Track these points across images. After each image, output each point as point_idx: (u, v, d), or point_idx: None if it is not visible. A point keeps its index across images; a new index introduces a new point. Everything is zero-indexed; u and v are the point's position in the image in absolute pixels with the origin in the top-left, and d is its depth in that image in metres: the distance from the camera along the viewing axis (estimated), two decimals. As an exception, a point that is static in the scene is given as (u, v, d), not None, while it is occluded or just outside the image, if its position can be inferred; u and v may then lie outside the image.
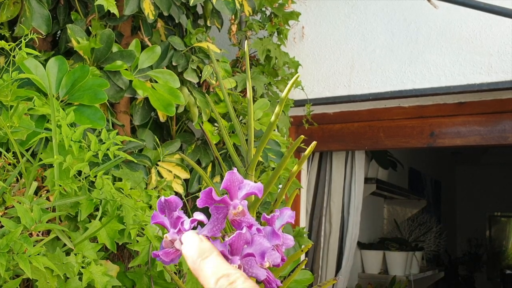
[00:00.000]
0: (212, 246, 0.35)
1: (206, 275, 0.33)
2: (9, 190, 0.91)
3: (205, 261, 0.34)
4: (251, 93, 0.71)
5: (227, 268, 0.33)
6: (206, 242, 0.36)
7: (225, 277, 0.33)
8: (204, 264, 0.34)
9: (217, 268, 0.34)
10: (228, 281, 0.32)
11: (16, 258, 0.74)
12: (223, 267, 0.33)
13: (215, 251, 0.35)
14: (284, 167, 0.71)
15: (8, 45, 0.93)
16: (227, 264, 0.34)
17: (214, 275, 0.33)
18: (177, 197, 0.49)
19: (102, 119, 1.09)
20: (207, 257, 0.35)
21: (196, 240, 0.36)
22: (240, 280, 0.32)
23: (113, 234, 0.99)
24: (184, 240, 0.37)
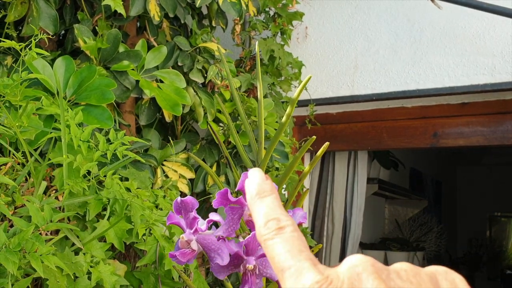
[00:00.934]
0: (273, 188, 0.36)
1: (259, 214, 0.34)
2: (18, 189, 0.92)
3: (262, 200, 0.34)
4: (262, 93, 0.71)
5: (280, 213, 0.33)
6: (269, 183, 0.36)
7: (276, 220, 0.32)
8: (260, 203, 0.34)
9: (271, 210, 0.33)
10: (277, 225, 0.32)
11: (28, 257, 0.74)
12: (277, 210, 0.33)
13: (275, 194, 0.35)
14: (292, 168, 0.71)
15: (18, 45, 0.93)
16: (282, 209, 0.34)
17: (266, 216, 0.33)
18: (193, 198, 0.50)
19: (110, 119, 1.10)
20: (264, 197, 0.35)
21: (259, 177, 0.36)
22: (289, 228, 0.32)
23: (121, 233, 0.99)
24: (249, 174, 0.37)
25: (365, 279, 0.28)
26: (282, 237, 0.31)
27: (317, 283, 0.28)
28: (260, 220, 0.33)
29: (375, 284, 0.27)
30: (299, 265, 0.29)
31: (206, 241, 0.49)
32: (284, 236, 0.31)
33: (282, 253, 0.30)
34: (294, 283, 0.29)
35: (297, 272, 0.29)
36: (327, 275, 0.28)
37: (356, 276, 0.28)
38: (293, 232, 0.32)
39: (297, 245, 0.31)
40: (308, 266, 0.29)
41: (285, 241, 0.31)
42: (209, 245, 0.49)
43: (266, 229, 0.32)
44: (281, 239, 0.31)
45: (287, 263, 0.30)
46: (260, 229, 0.33)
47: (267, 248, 0.32)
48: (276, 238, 0.31)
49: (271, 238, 0.32)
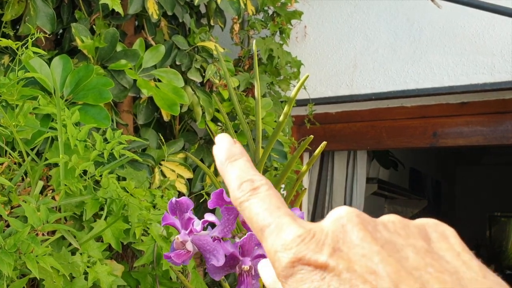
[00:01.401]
0: (243, 151, 0.34)
1: (231, 178, 0.32)
2: (14, 189, 0.91)
3: (232, 164, 0.33)
4: (260, 92, 0.71)
5: (253, 174, 0.32)
6: (238, 146, 0.35)
7: (249, 182, 0.31)
8: (231, 167, 0.33)
9: (243, 172, 0.32)
10: (251, 186, 0.31)
11: (23, 258, 0.74)
12: (249, 172, 0.32)
13: (245, 156, 0.34)
14: (290, 168, 0.71)
15: (14, 44, 0.92)
16: (254, 170, 0.32)
17: (239, 178, 0.32)
18: (188, 199, 0.49)
19: (107, 119, 1.09)
20: (235, 160, 0.33)
21: (227, 142, 0.35)
22: (264, 187, 0.31)
23: (118, 233, 0.99)
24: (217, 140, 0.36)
25: (350, 230, 0.26)
26: (258, 197, 0.30)
27: (299, 237, 0.26)
28: (233, 183, 0.32)
29: (360, 235, 0.26)
30: (278, 221, 0.28)
31: (201, 242, 0.49)
32: (260, 195, 0.30)
33: (259, 213, 0.29)
34: (275, 240, 0.27)
35: (277, 228, 0.28)
36: (309, 228, 0.27)
37: (340, 228, 0.26)
38: (268, 190, 0.30)
39: (274, 202, 0.29)
40: (288, 221, 0.28)
41: (261, 200, 0.30)
42: (205, 246, 0.49)
43: (241, 191, 0.31)
44: (257, 199, 0.30)
45: (266, 221, 0.28)
46: (234, 193, 0.31)
47: (244, 211, 0.30)
48: (252, 198, 0.30)
49: (247, 200, 0.30)
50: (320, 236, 0.26)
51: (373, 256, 0.25)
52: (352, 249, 0.25)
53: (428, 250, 0.26)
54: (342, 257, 0.25)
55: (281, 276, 0.26)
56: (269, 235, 0.28)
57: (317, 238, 0.26)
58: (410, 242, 0.26)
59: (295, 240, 0.26)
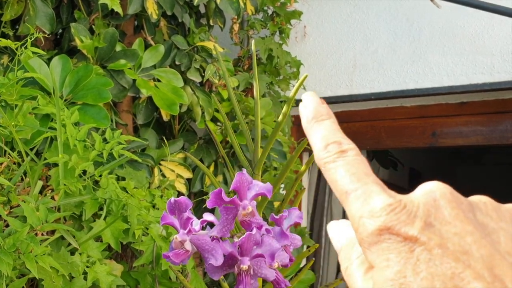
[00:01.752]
0: (330, 112, 0.33)
1: (317, 137, 0.31)
2: (14, 189, 0.91)
3: (320, 123, 0.32)
4: (258, 92, 0.71)
5: (341, 137, 0.30)
6: (325, 106, 0.33)
7: (337, 144, 0.30)
8: (318, 126, 0.32)
9: (330, 133, 0.31)
10: (339, 148, 0.29)
11: (22, 257, 0.74)
12: (337, 134, 0.31)
13: (332, 118, 0.32)
14: (289, 168, 0.71)
15: (14, 44, 0.93)
16: (341, 132, 0.31)
17: (325, 139, 0.30)
18: (187, 198, 0.49)
19: (106, 119, 1.09)
20: (322, 120, 0.32)
21: (314, 100, 0.33)
22: (352, 151, 0.29)
23: (117, 233, 0.99)
24: (303, 98, 0.34)
25: (443, 206, 0.25)
26: (345, 160, 0.29)
27: (389, 205, 0.25)
28: (319, 143, 0.30)
29: (453, 213, 0.25)
30: (366, 188, 0.27)
31: (200, 242, 0.49)
32: (348, 159, 0.29)
33: (346, 176, 0.28)
34: (361, 206, 0.26)
35: (365, 194, 0.27)
36: (400, 198, 0.26)
37: (432, 202, 0.26)
38: (356, 155, 0.29)
39: (363, 168, 0.28)
40: (377, 188, 0.27)
41: (348, 164, 0.28)
42: (203, 245, 0.49)
43: (326, 152, 0.29)
44: (344, 162, 0.29)
45: (353, 185, 0.27)
46: (319, 153, 0.30)
47: (328, 171, 0.29)
48: (339, 160, 0.29)
49: (333, 161, 0.29)
50: (411, 207, 0.25)
51: (466, 236, 0.24)
52: (445, 225, 0.25)
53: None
54: (434, 233, 0.24)
55: (365, 242, 0.26)
56: (355, 199, 0.27)
57: (408, 209, 0.25)
58: (501, 226, 0.26)
59: (385, 208, 0.25)
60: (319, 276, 2.60)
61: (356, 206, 0.27)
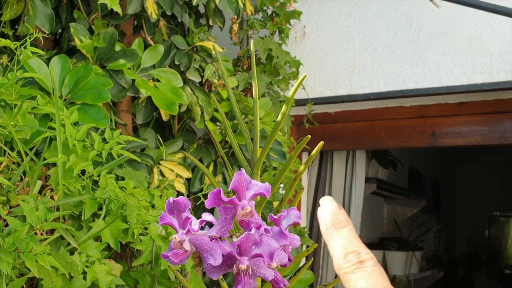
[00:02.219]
0: (348, 219, 0.34)
1: (336, 246, 0.32)
2: (13, 189, 0.91)
3: (338, 231, 0.33)
4: (257, 92, 0.71)
5: (360, 246, 0.32)
6: (343, 213, 0.34)
7: (355, 253, 0.31)
8: (337, 234, 0.33)
9: (349, 241, 0.32)
10: (358, 259, 0.31)
11: (22, 257, 0.74)
12: (355, 243, 0.32)
13: (350, 225, 0.34)
14: (288, 167, 0.71)
15: (13, 44, 0.93)
16: (360, 241, 0.32)
17: (344, 248, 0.32)
18: (185, 198, 0.49)
19: (106, 118, 1.09)
20: (341, 228, 0.33)
21: (333, 208, 0.35)
22: (371, 262, 0.30)
23: (116, 233, 0.99)
24: (321, 203, 0.36)
25: None
26: (364, 271, 0.30)
27: None
28: (338, 252, 0.32)
29: None
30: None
31: (198, 242, 0.49)
32: (367, 270, 0.30)
33: None
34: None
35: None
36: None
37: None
38: (374, 266, 0.30)
39: (381, 280, 0.29)
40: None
41: (367, 275, 0.30)
42: (202, 245, 0.49)
43: (346, 262, 0.31)
44: (364, 273, 0.30)
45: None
46: (340, 262, 0.31)
47: (348, 282, 0.30)
48: (358, 272, 0.30)
49: (353, 272, 0.30)
50: None
51: None
52: None
53: None
54: None
55: None
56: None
57: None
58: None
59: None
60: (318, 275, 2.60)
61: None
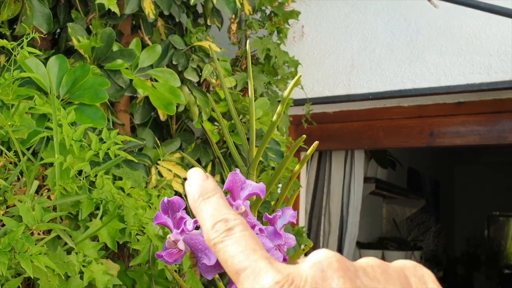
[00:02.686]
0: (216, 187, 0.33)
1: (204, 216, 0.31)
2: (10, 189, 0.91)
3: (205, 202, 0.32)
4: (253, 92, 0.71)
5: (227, 213, 0.31)
6: (211, 182, 0.33)
7: (223, 222, 0.30)
8: (204, 205, 0.32)
9: (217, 211, 0.31)
10: (225, 227, 0.30)
11: (18, 257, 0.74)
12: (223, 211, 0.31)
13: (218, 193, 0.33)
14: (285, 167, 0.71)
15: (10, 44, 0.93)
16: (228, 208, 0.31)
17: (212, 218, 0.31)
18: (180, 198, 0.50)
19: (103, 118, 1.09)
20: (208, 198, 0.32)
21: (200, 177, 0.34)
22: (239, 227, 0.30)
23: (114, 233, 0.99)
24: (188, 175, 0.35)
25: (330, 277, 0.26)
26: (232, 238, 0.29)
27: (277, 283, 0.26)
28: (206, 223, 0.31)
29: (340, 283, 0.25)
30: (255, 266, 0.27)
31: (193, 241, 0.49)
32: (235, 236, 0.29)
33: (235, 255, 0.28)
34: (251, 285, 0.27)
35: (254, 273, 0.27)
36: (287, 273, 0.26)
37: (320, 273, 0.26)
38: (243, 231, 0.30)
39: (250, 244, 0.29)
40: (265, 265, 0.27)
41: (236, 242, 0.29)
42: (196, 245, 0.49)
43: (215, 232, 0.30)
44: (232, 241, 0.29)
45: (242, 264, 0.28)
46: (208, 233, 0.31)
47: (218, 252, 0.30)
48: (227, 240, 0.29)
49: (221, 241, 0.29)
50: (298, 282, 0.26)
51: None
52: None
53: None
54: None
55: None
56: (245, 279, 0.27)
57: (296, 284, 0.26)
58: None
59: (273, 286, 0.26)
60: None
61: (247, 286, 0.27)
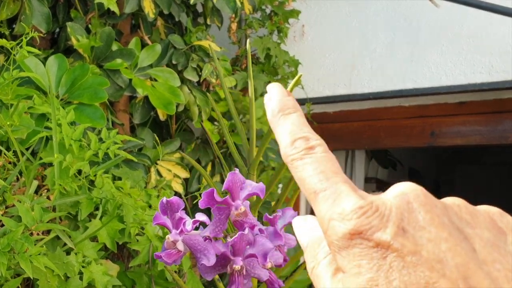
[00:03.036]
0: (297, 104, 0.31)
1: (284, 131, 0.29)
2: (9, 189, 0.91)
3: (286, 117, 0.30)
4: (253, 92, 0.70)
5: (309, 131, 0.29)
6: (292, 99, 0.31)
7: (304, 139, 0.28)
8: (284, 120, 0.30)
9: (297, 127, 0.29)
10: (306, 145, 0.28)
11: (17, 257, 0.74)
12: (304, 128, 0.29)
13: (299, 111, 0.31)
14: (285, 167, 0.71)
15: (9, 44, 0.92)
16: (309, 127, 0.30)
17: (292, 134, 0.29)
18: (179, 198, 0.49)
19: (102, 118, 1.09)
20: (289, 113, 0.30)
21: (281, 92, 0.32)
22: (320, 148, 0.28)
23: (113, 233, 0.98)
24: (268, 89, 0.33)
25: (416, 209, 0.24)
26: (313, 157, 0.27)
27: (360, 208, 0.24)
28: (285, 138, 0.29)
29: (427, 217, 0.24)
30: (336, 187, 0.26)
31: (192, 242, 0.49)
32: (316, 156, 0.27)
33: (314, 175, 0.27)
34: (331, 207, 0.25)
35: (334, 194, 0.25)
36: (371, 200, 0.24)
37: (405, 205, 0.24)
38: (324, 152, 0.28)
39: (331, 166, 0.27)
40: (347, 189, 0.25)
41: (316, 162, 0.27)
42: (195, 245, 0.49)
43: (293, 148, 0.28)
44: (312, 159, 0.27)
45: (321, 184, 0.26)
46: (286, 149, 0.28)
47: (295, 169, 0.28)
48: (306, 158, 0.27)
49: (300, 158, 0.28)
50: (383, 210, 0.24)
51: (440, 243, 0.23)
52: (418, 231, 0.24)
53: (495, 243, 0.24)
54: (407, 238, 0.23)
55: (335, 246, 0.25)
56: (324, 200, 0.26)
57: (381, 212, 0.24)
58: (476, 232, 0.25)
59: (356, 211, 0.24)
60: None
61: (325, 207, 0.25)
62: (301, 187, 0.28)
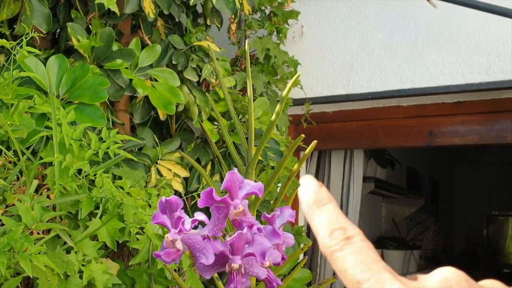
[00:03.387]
0: (330, 196, 0.32)
1: (321, 223, 0.30)
2: (9, 188, 0.91)
3: (321, 208, 0.31)
4: (252, 92, 0.71)
5: (345, 221, 0.30)
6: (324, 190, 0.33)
7: (342, 230, 0.29)
8: (320, 211, 0.31)
9: (334, 218, 0.30)
10: (344, 235, 0.29)
11: (17, 256, 0.74)
12: (340, 219, 0.30)
13: (334, 202, 0.32)
14: (284, 166, 0.71)
15: (9, 44, 0.93)
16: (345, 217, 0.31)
17: (330, 225, 0.30)
18: (178, 198, 0.50)
19: (102, 118, 1.09)
20: (324, 205, 0.31)
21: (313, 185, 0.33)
22: (358, 237, 0.29)
23: (113, 232, 0.99)
24: (302, 182, 0.34)
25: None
26: (352, 248, 0.28)
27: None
28: (323, 230, 0.30)
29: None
30: (379, 276, 0.26)
31: (191, 241, 0.49)
32: (355, 246, 0.28)
33: (355, 264, 0.27)
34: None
35: (378, 283, 0.26)
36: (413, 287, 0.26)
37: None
38: (363, 241, 0.29)
39: (371, 255, 0.28)
40: (390, 277, 0.26)
41: (357, 252, 0.28)
42: (194, 244, 0.49)
43: (332, 239, 0.29)
44: (352, 250, 0.28)
45: (364, 274, 0.27)
46: (325, 240, 0.29)
47: (336, 261, 0.29)
48: (346, 248, 0.28)
49: (340, 249, 0.28)
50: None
51: None
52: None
53: None
54: None
55: None
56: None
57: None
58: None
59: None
60: (316, 274, 2.61)
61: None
62: (343, 278, 0.28)
